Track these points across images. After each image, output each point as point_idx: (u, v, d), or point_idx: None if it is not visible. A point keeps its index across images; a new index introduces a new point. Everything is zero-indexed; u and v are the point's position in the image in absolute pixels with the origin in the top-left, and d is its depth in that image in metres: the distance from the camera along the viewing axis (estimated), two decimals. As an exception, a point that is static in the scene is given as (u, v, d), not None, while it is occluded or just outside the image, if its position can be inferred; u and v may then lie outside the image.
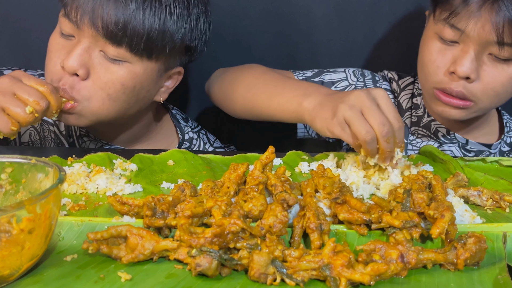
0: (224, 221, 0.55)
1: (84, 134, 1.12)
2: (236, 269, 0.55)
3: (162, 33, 0.93)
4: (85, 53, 0.92)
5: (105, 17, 0.89)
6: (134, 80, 0.96)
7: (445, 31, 0.95)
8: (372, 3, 1.24)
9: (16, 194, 0.62)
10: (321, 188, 0.68)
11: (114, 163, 0.85)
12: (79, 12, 0.90)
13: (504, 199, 0.73)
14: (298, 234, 0.60)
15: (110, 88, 0.94)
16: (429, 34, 1.00)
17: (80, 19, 0.90)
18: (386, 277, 0.54)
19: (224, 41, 1.30)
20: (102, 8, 0.89)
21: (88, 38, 0.92)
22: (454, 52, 0.96)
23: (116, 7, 0.90)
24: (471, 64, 0.93)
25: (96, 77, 0.93)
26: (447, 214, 0.59)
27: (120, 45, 0.92)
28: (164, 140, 1.17)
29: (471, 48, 0.93)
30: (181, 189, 0.68)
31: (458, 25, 0.93)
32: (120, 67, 0.94)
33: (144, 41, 0.92)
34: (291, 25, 1.26)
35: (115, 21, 0.89)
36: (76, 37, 0.93)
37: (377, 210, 0.62)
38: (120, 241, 0.58)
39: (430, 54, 0.99)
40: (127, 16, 0.90)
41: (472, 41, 0.92)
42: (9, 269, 0.51)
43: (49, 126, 1.12)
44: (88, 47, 0.92)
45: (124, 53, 0.93)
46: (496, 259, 0.59)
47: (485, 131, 1.13)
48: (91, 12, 0.89)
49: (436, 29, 0.97)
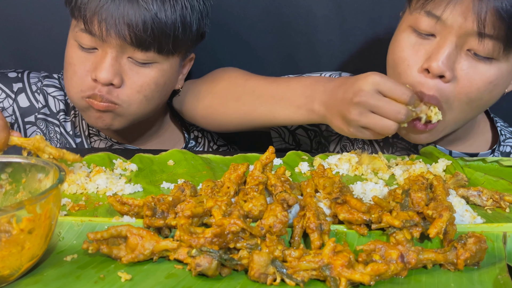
0: (224, 221, 0.55)
1: (94, 133, 1.13)
2: (236, 269, 0.55)
3: (183, 27, 0.96)
4: (115, 63, 0.95)
5: (133, 25, 0.91)
6: (164, 77, 1.00)
7: (420, 21, 0.84)
8: (372, 3, 1.24)
9: (16, 194, 0.62)
10: (321, 188, 0.68)
11: (114, 163, 0.85)
12: (103, 26, 0.91)
13: (504, 199, 0.73)
14: (298, 234, 0.60)
15: (146, 90, 0.98)
16: (402, 28, 0.90)
17: (107, 32, 0.92)
18: (386, 277, 0.54)
19: (224, 41, 1.30)
20: (127, 17, 0.91)
21: (115, 48, 0.94)
22: (429, 47, 0.85)
23: (140, 13, 0.91)
24: (447, 60, 0.82)
25: (131, 82, 0.97)
26: (445, 214, 0.59)
27: (149, 49, 0.95)
28: (171, 139, 1.20)
29: (448, 40, 0.82)
30: (181, 189, 0.68)
31: (435, 11, 0.82)
32: (151, 68, 0.98)
33: (172, 41, 0.95)
34: (291, 25, 1.26)
35: (143, 28, 0.92)
36: (99, 49, 0.95)
37: (377, 210, 0.62)
38: (120, 241, 0.58)
39: (401, 51, 0.88)
40: (152, 19, 0.92)
41: (450, 32, 0.82)
42: (9, 269, 0.51)
43: (54, 127, 1.13)
44: (116, 56, 0.95)
45: (153, 55, 0.96)
46: (496, 259, 0.59)
47: (470, 142, 1.03)
48: (116, 25, 0.91)
49: (411, 20, 0.87)
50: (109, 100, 0.96)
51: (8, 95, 1.11)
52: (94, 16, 0.91)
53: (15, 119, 1.11)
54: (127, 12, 0.91)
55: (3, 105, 1.10)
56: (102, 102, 0.96)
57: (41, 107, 1.12)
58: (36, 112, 1.12)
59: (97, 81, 0.95)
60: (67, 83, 1.00)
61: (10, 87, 1.12)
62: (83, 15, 0.93)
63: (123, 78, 0.96)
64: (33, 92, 1.12)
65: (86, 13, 0.92)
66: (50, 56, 1.29)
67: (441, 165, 0.85)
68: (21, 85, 1.12)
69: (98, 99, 0.96)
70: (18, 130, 1.12)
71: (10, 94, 1.11)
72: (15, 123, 1.12)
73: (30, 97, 1.12)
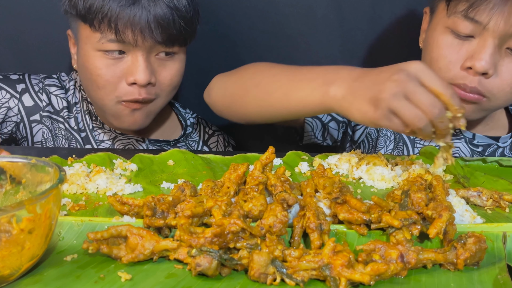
0: (224, 221, 0.55)
1: (98, 126, 1.17)
2: (236, 269, 0.55)
3: (197, 16, 1.04)
4: (148, 63, 1.01)
5: (164, 26, 0.97)
6: (184, 66, 1.09)
7: (461, 25, 0.91)
8: (372, 3, 1.24)
9: (16, 194, 0.62)
10: (321, 188, 0.68)
11: (114, 163, 0.85)
12: (138, 33, 0.96)
13: (503, 198, 0.73)
14: (298, 234, 0.60)
15: (174, 81, 1.07)
16: (439, 29, 0.96)
17: (143, 39, 0.97)
18: (386, 277, 0.54)
19: (224, 41, 1.30)
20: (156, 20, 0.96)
21: (145, 49, 1.00)
22: (469, 47, 0.91)
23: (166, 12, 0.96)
24: (490, 59, 0.89)
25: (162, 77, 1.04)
26: (445, 214, 0.59)
27: (175, 44, 1.02)
28: (170, 127, 1.25)
29: (489, 41, 0.89)
30: (181, 189, 0.68)
31: (477, 18, 0.89)
32: (174, 61, 1.06)
33: (193, 31, 1.03)
34: (291, 25, 1.26)
35: (174, 26, 0.98)
36: (128, 53, 1.00)
37: (376, 210, 0.62)
38: (120, 241, 0.58)
39: (440, 49, 0.94)
40: (178, 16, 0.98)
41: (492, 34, 0.88)
42: (9, 269, 0.51)
43: (59, 124, 1.16)
44: (147, 57, 1.01)
45: (177, 48, 1.04)
46: (496, 259, 0.59)
47: (490, 126, 1.10)
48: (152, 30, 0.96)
49: (449, 23, 0.93)
50: (149, 100, 1.04)
51: (13, 95, 1.14)
52: (127, 26, 0.95)
53: (21, 118, 1.15)
54: (158, 14, 0.96)
55: (9, 104, 1.14)
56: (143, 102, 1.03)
57: (45, 106, 1.16)
58: (41, 110, 1.16)
59: (134, 84, 1.00)
60: (99, 92, 1.04)
61: (14, 88, 1.15)
62: (114, 27, 0.96)
63: (155, 75, 1.03)
64: (36, 92, 1.16)
65: (118, 25, 0.95)
66: (50, 60, 1.29)
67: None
68: (24, 85, 1.16)
69: (140, 101, 1.03)
70: (24, 129, 1.16)
71: (15, 95, 1.14)
72: (21, 122, 1.15)
73: (34, 96, 1.16)
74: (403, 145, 1.09)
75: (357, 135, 1.15)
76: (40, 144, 1.17)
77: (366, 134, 1.13)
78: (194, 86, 1.35)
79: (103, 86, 1.02)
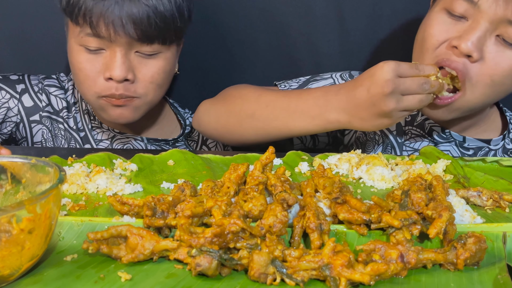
0: (224, 221, 0.55)
1: (96, 126, 1.18)
2: (236, 269, 0.55)
3: (181, 16, 1.04)
4: (125, 60, 1.01)
5: (138, 23, 0.97)
6: (169, 65, 1.09)
7: (456, 4, 0.90)
8: (372, 3, 1.24)
9: (16, 194, 0.62)
10: (321, 188, 0.68)
11: (114, 163, 0.85)
12: (111, 28, 0.97)
13: (503, 198, 0.73)
14: (298, 234, 0.60)
15: (157, 79, 1.07)
16: (435, 9, 0.95)
17: (115, 33, 0.98)
18: (386, 277, 0.54)
19: (224, 41, 1.30)
20: (131, 16, 0.97)
21: (123, 46, 1.00)
22: (460, 28, 0.90)
23: (142, 10, 0.97)
24: (477, 41, 0.87)
25: (142, 74, 1.05)
26: (445, 214, 0.59)
27: (153, 41, 1.02)
28: (169, 127, 1.26)
29: (480, 24, 0.87)
30: (181, 189, 0.68)
31: None
32: (157, 59, 1.05)
33: (173, 30, 1.03)
34: (291, 25, 1.26)
35: (148, 23, 0.98)
36: (107, 49, 1.01)
37: (376, 210, 0.62)
38: (120, 241, 0.58)
39: (432, 28, 0.93)
40: (154, 14, 0.98)
41: (484, 17, 0.87)
42: (9, 269, 0.51)
43: (58, 124, 1.17)
44: (125, 53, 1.01)
45: (158, 46, 1.04)
46: (496, 259, 0.59)
47: (483, 129, 1.09)
48: (124, 25, 0.97)
49: (446, 3, 0.92)
50: (127, 96, 1.03)
51: (12, 96, 1.15)
52: (100, 20, 0.97)
53: (21, 118, 1.16)
54: (131, 10, 0.96)
55: (9, 105, 1.15)
56: (121, 98, 1.03)
57: (45, 106, 1.17)
58: (40, 111, 1.17)
59: (111, 80, 1.01)
60: (81, 87, 1.06)
61: (14, 88, 1.16)
62: (89, 21, 0.98)
63: (134, 72, 1.03)
64: (35, 93, 1.17)
65: (92, 18, 0.97)
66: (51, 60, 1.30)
67: (440, 165, 0.85)
68: (24, 86, 1.17)
69: (117, 97, 1.03)
70: (24, 129, 1.17)
71: (15, 95, 1.15)
72: (20, 122, 1.16)
73: (33, 97, 1.16)
74: (391, 148, 1.09)
75: (347, 139, 1.16)
76: (39, 144, 1.17)
77: (355, 139, 1.14)
78: (193, 86, 1.35)
79: (83, 80, 1.04)
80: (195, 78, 1.34)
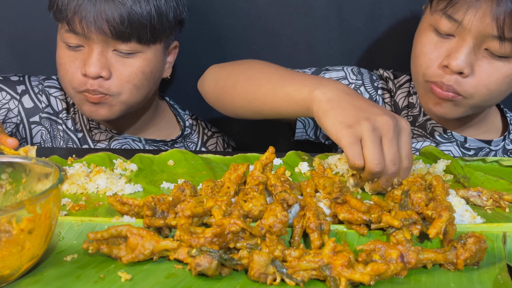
0: (224, 221, 0.55)
1: (94, 126, 1.19)
2: (236, 269, 0.55)
3: (159, 17, 1.03)
4: (101, 57, 1.01)
5: (110, 20, 0.98)
6: (150, 66, 1.07)
7: (441, 23, 0.91)
8: (372, 3, 1.24)
9: (16, 194, 0.62)
10: (321, 188, 0.68)
11: (114, 163, 0.85)
12: (84, 24, 0.98)
13: (503, 198, 0.73)
14: (298, 234, 0.60)
15: (134, 79, 1.05)
16: (424, 26, 0.96)
17: (88, 29, 0.99)
18: (386, 277, 0.54)
19: (223, 41, 1.30)
20: (104, 13, 0.98)
21: (100, 43, 1.01)
22: (449, 46, 0.91)
23: (116, 8, 0.98)
24: (466, 58, 0.88)
25: (119, 73, 1.03)
26: (445, 214, 0.59)
27: (129, 40, 1.01)
28: (168, 128, 1.26)
29: (467, 41, 0.88)
30: (181, 189, 0.68)
31: (455, 16, 0.88)
32: (135, 58, 1.04)
33: (149, 30, 1.01)
34: (291, 25, 1.26)
35: (120, 21, 0.98)
36: (85, 46, 1.02)
37: (376, 210, 0.62)
38: (120, 241, 0.58)
39: (423, 46, 0.95)
40: (128, 12, 0.98)
41: (469, 34, 0.88)
42: (9, 269, 0.51)
43: (57, 126, 1.18)
44: (102, 51, 1.01)
45: (135, 45, 1.02)
46: (496, 259, 0.59)
47: (483, 129, 1.09)
48: (95, 21, 0.98)
49: (432, 20, 0.93)
50: (101, 92, 1.03)
51: (13, 97, 1.16)
52: (75, 16, 0.99)
53: (21, 119, 1.16)
54: (104, 8, 0.98)
55: (9, 106, 1.15)
56: (95, 95, 1.03)
57: (44, 107, 1.17)
58: (40, 112, 1.17)
59: (87, 76, 1.01)
60: (62, 81, 1.08)
61: (14, 89, 1.16)
62: (65, 16, 1.00)
63: (110, 70, 1.03)
64: (35, 94, 1.17)
65: (68, 14, 0.99)
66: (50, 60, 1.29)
67: (440, 165, 0.85)
68: (24, 87, 1.17)
69: (91, 93, 1.03)
70: (23, 130, 1.17)
71: (15, 96, 1.16)
72: (20, 123, 1.17)
73: (33, 98, 1.17)
74: None
75: None
76: (38, 145, 1.17)
77: None
78: (193, 86, 1.35)
79: (63, 75, 1.05)
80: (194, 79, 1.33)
